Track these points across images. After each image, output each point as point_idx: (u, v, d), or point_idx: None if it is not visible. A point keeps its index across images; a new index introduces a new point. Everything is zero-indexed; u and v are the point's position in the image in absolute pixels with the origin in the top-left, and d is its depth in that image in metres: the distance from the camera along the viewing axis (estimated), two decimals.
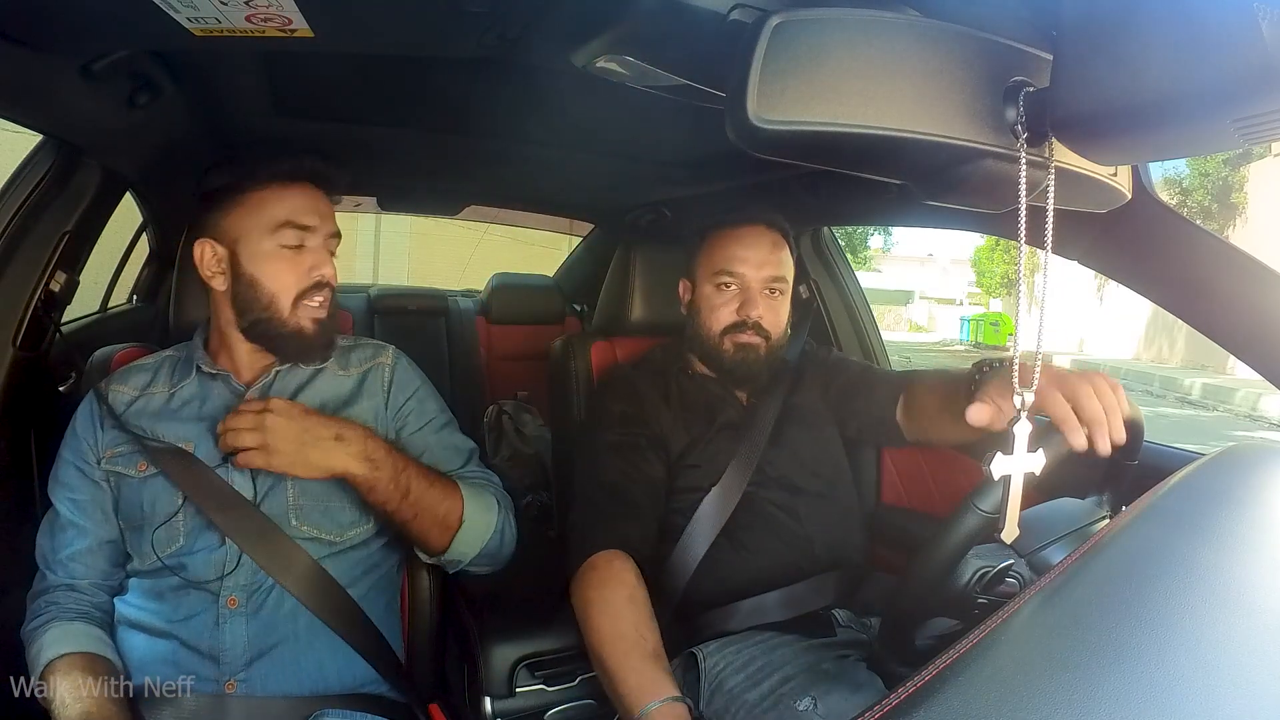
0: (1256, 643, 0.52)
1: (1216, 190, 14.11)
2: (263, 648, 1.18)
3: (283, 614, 1.21)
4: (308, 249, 1.27)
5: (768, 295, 1.56)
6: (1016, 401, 0.75)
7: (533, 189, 2.67)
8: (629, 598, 1.26)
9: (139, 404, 1.28)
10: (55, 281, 1.48)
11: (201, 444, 1.24)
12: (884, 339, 2.38)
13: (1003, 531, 0.84)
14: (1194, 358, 14.26)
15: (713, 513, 1.45)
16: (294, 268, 1.26)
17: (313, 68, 1.47)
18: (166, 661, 1.17)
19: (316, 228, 1.28)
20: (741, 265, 1.55)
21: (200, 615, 1.18)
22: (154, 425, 1.25)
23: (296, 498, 1.24)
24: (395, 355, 1.43)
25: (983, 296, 29.02)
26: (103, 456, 1.24)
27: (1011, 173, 0.69)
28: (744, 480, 1.48)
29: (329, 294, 1.30)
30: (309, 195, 1.28)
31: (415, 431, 1.37)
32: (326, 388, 1.34)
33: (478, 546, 1.29)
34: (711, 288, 1.57)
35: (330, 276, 1.29)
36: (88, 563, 1.23)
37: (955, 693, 0.44)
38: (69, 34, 1.08)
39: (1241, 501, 0.80)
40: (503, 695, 1.32)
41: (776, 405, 1.58)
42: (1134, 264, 1.26)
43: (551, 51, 1.12)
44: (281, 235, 1.25)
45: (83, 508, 1.24)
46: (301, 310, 1.27)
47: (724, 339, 1.55)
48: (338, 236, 1.33)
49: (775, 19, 0.64)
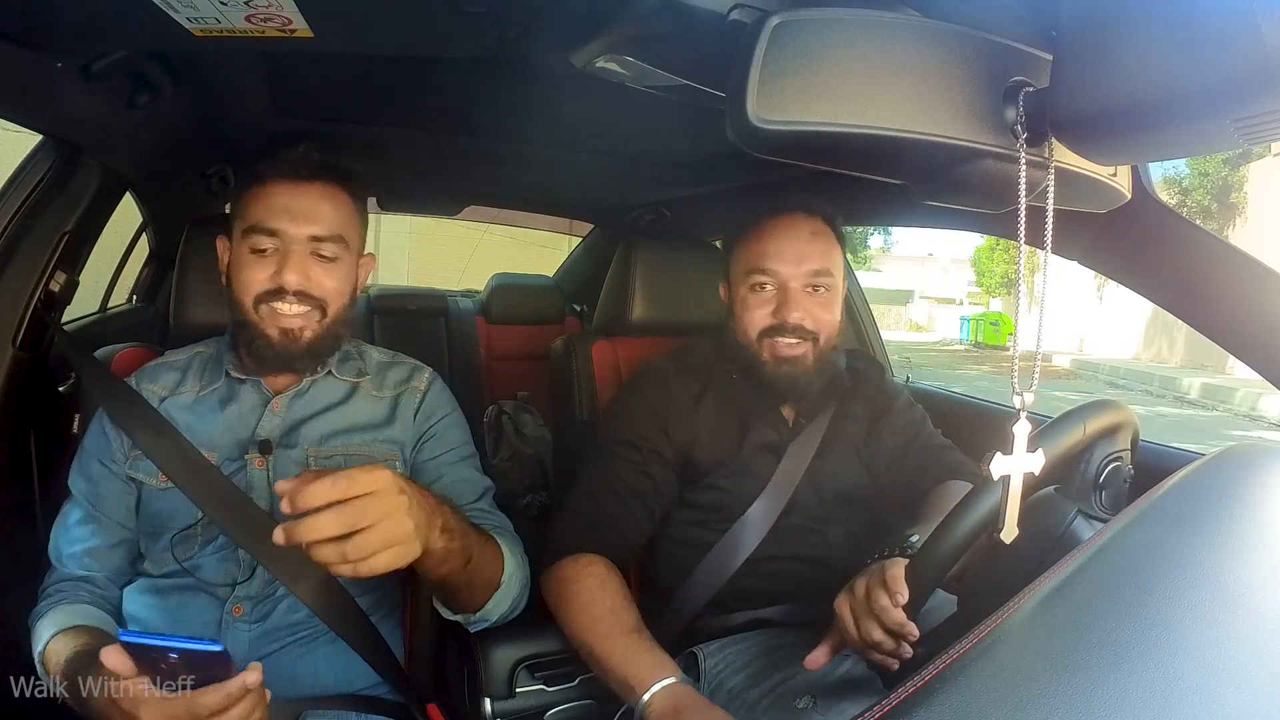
0: (1257, 643, 0.52)
1: (1216, 190, 14.12)
2: (262, 653, 1.17)
3: (287, 623, 1.20)
4: (275, 253, 1.20)
5: (810, 293, 1.40)
6: (1016, 402, 0.75)
7: (533, 189, 2.67)
8: (599, 585, 1.23)
9: (167, 404, 1.26)
10: (55, 281, 1.48)
11: (223, 449, 1.23)
12: (884, 339, 2.38)
13: (1002, 531, 0.84)
14: (1194, 357, 14.26)
15: (746, 536, 1.39)
16: (256, 271, 1.20)
17: (313, 68, 1.47)
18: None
19: (285, 230, 1.20)
20: (775, 262, 1.39)
21: (203, 619, 1.18)
22: (173, 434, 1.22)
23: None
24: (431, 379, 1.38)
25: (983, 296, 29.09)
26: (129, 457, 1.23)
27: (1011, 173, 0.69)
28: (778, 508, 1.39)
29: (299, 302, 1.21)
30: (291, 195, 1.21)
31: (431, 459, 1.32)
32: (362, 409, 1.31)
33: (507, 604, 1.19)
34: (746, 289, 1.42)
35: (291, 283, 1.20)
36: (104, 558, 1.21)
37: (955, 693, 0.44)
38: (69, 34, 1.09)
39: (1241, 501, 0.80)
40: (503, 696, 1.32)
41: (823, 427, 1.46)
42: (1133, 264, 1.26)
43: (551, 51, 1.12)
44: (251, 238, 1.20)
45: (105, 503, 1.22)
46: (265, 315, 1.21)
47: (762, 345, 1.40)
48: (327, 239, 1.23)
49: (775, 19, 0.64)
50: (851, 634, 1.02)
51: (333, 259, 1.24)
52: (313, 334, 1.24)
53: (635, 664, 1.12)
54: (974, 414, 1.91)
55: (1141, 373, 13.72)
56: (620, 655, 1.13)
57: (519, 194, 2.85)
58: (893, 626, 0.97)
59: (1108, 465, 0.99)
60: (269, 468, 1.23)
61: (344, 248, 1.25)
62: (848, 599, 1.04)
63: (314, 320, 1.24)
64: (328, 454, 1.27)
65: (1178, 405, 11.17)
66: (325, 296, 1.24)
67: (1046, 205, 0.71)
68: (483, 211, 3.34)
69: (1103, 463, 0.99)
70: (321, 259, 1.23)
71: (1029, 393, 0.74)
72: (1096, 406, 1.02)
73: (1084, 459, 0.99)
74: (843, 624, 1.04)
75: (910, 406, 1.58)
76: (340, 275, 1.26)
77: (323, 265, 1.23)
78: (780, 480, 1.40)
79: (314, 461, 1.25)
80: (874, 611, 0.99)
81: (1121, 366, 14.55)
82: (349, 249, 1.27)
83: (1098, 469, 0.99)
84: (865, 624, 1.00)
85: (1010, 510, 0.82)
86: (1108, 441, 1.00)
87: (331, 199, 1.24)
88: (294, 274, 1.20)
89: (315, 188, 1.23)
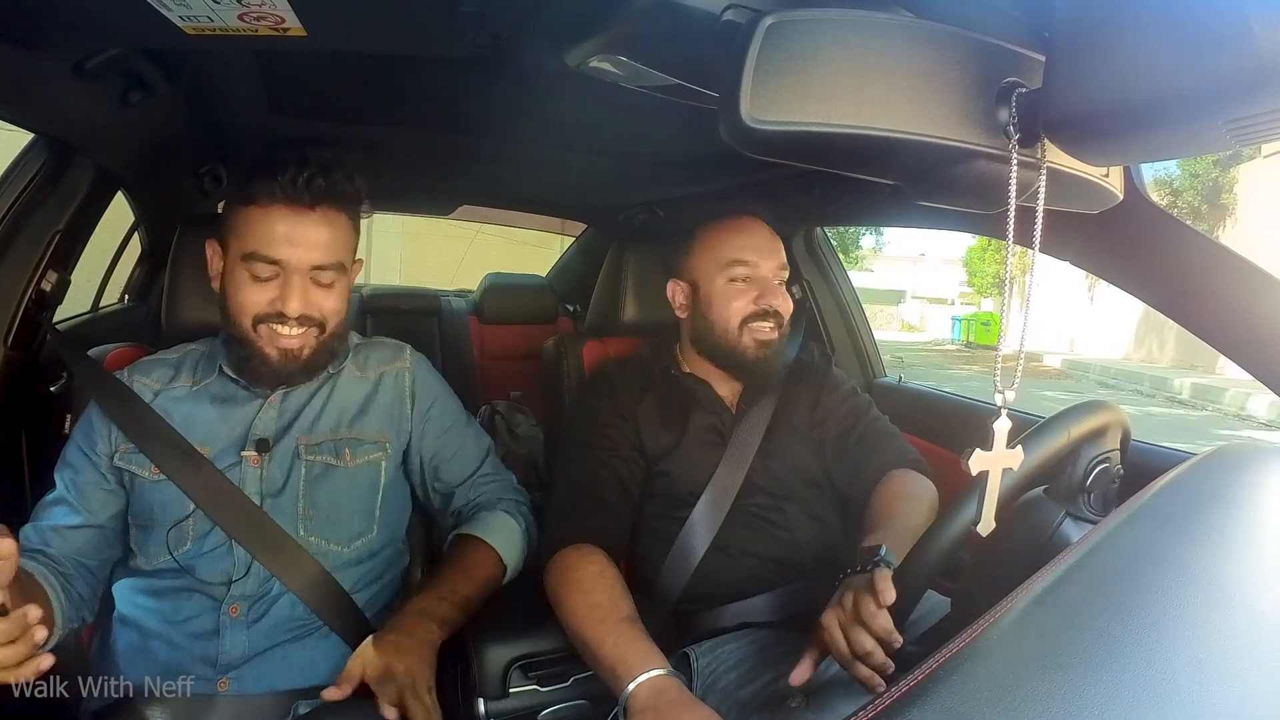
0: (1249, 641, 0.52)
1: (1206, 191, 14.19)
2: (259, 650, 1.18)
3: (284, 619, 1.21)
4: (275, 280, 1.21)
5: (778, 285, 1.53)
6: (998, 400, 0.75)
7: (526, 188, 2.66)
8: (599, 574, 1.26)
9: (161, 398, 1.28)
10: (46, 281, 1.48)
11: (218, 445, 1.25)
12: (876, 339, 2.38)
13: (979, 525, 0.84)
14: (1184, 358, 14.34)
15: (704, 520, 1.44)
16: (255, 294, 1.21)
17: (306, 67, 1.47)
18: (159, 661, 1.17)
19: (287, 261, 1.20)
20: (754, 254, 1.50)
21: (200, 618, 1.19)
22: (174, 422, 1.25)
23: (306, 509, 1.25)
24: (414, 358, 1.43)
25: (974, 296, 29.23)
26: (116, 450, 1.24)
27: (1003, 173, 0.69)
28: (734, 488, 1.46)
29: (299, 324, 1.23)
30: (291, 223, 1.20)
31: (436, 437, 1.39)
32: (346, 392, 1.34)
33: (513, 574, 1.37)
34: (724, 280, 1.51)
35: (294, 309, 1.21)
36: (68, 538, 1.21)
37: (948, 692, 0.44)
38: (61, 31, 1.08)
39: (1232, 501, 0.81)
40: (496, 696, 1.31)
41: (767, 412, 1.54)
42: (1125, 265, 1.26)
43: (544, 51, 1.12)
44: (251, 265, 1.20)
45: (80, 489, 1.23)
46: (264, 335, 1.23)
47: (743, 333, 1.49)
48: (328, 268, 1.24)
49: (768, 19, 0.64)
50: (840, 646, 1.04)
51: (330, 284, 1.26)
52: (311, 350, 1.26)
53: (626, 652, 1.12)
54: (964, 413, 1.92)
55: (1132, 373, 13.80)
56: (613, 643, 1.14)
57: (512, 193, 2.84)
58: (880, 633, 0.99)
59: (1095, 467, 0.99)
60: (263, 465, 1.25)
61: (342, 271, 1.27)
62: (835, 612, 1.06)
63: (313, 338, 1.26)
64: (317, 440, 1.29)
65: (1168, 405, 11.22)
66: (325, 317, 1.26)
67: (1037, 206, 0.71)
68: (475, 211, 3.33)
69: (1090, 464, 1.00)
70: (320, 285, 1.24)
71: (1010, 390, 0.75)
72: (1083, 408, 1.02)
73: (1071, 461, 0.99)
74: (831, 638, 1.05)
75: (853, 394, 1.66)
76: (338, 294, 1.28)
77: (322, 289, 1.25)
78: (729, 463, 1.47)
79: (304, 449, 1.28)
80: (863, 619, 1.00)
81: (1112, 366, 14.64)
82: (345, 270, 1.28)
83: (1085, 470, 0.99)
84: (855, 633, 1.01)
85: (988, 504, 0.82)
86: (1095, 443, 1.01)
87: (331, 224, 1.24)
88: (296, 301, 1.21)
89: (316, 214, 1.22)
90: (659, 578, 1.45)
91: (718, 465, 1.47)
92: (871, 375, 2.27)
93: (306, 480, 1.27)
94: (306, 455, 1.28)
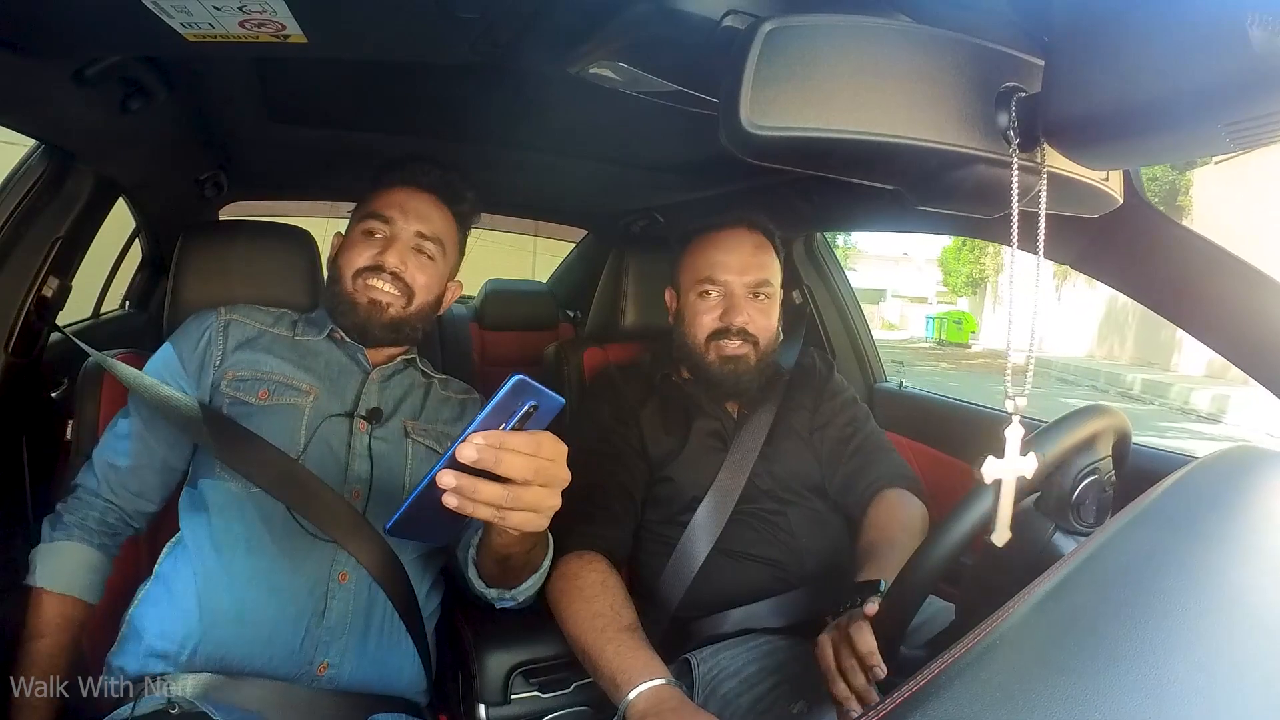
0: (1254, 645, 0.52)
1: (1164, 193, 14.27)
2: (358, 632, 1.18)
3: (376, 603, 1.20)
4: (383, 239, 1.35)
5: (753, 299, 1.52)
6: (1009, 406, 0.75)
7: (526, 195, 2.66)
8: (601, 582, 1.26)
9: (268, 336, 1.34)
10: (47, 287, 1.47)
11: (326, 395, 1.29)
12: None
13: (994, 534, 0.84)
14: (1142, 355, 15.03)
15: (706, 524, 1.44)
16: (363, 249, 1.35)
17: (306, 73, 1.47)
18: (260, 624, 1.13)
19: (397, 220, 1.35)
20: (723, 271, 1.51)
21: (312, 576, 1.17)
22: (275, 361, 1.29)
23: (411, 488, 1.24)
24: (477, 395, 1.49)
25: (950, 295, 29.46)
26: (222, 379, 1.27)
27: (1004, 178, 0.69)
28: (736, 491, 1.46)
29: (392, 283, 1.34)
30: (407, 195, 1.38)
31: None
32: (439, 403, 1.41)
33: (535, 589, 1.20)
34: (695, 295, 1.53)
35: (391, 263, 1.33)
36: (139, 476, 1.25)
37: (950, 698, 0.43)
38: (61, 39, 1.08)
39: (1236, 504, 0.80)
40: (498, 702, 1.31)
41: (769, 417, 1.55)
42: (1127, 268, 1.26)
43: (543, 57, 1.12)
44: (366, 222, 1.36)
45: (154, 424, 1.26)
46: (359, 287, 1.34)
47: (709, 348, 1.51)
48: (429, 239, 1.37)
49: (768, 25, 0.65)
50: (829, 666, 1.05)
51: (430, 258, 1.38)
52: (396, 313, 1.35)
53: (626, 661, 1.12)
54: (964, 418, 1.91)
55: (1090, 369, 14.43)
56: (614, 651, 1.14)
57: (512, 200, 2.84)
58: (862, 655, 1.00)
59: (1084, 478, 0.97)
60: (370, 432, 1.28)
61: (441, 252, 1.40)
62: (828, 637, 1.08)
63: (400, 303, 1.36)
64: (421, 431, 1.34)
65: (1120, 400, 11.70)
66: (415, 287, 1.36)
67: (1039, 210, 0.71)
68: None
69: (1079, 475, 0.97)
70: (421, 254, 1.37)
71: (1022, 397, 0.74)
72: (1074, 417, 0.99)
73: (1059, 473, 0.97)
74: (823, 660, 1.07)
75: (853, 403, 1.67)
76: (432, 274, 1.39)
77: (419, 260, 1.37)
78: (731, 467, 1.48)
79: (413, 431, 1.32)
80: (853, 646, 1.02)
81: (1072, 364, 15.31)
82: (444, 257, 1.41)
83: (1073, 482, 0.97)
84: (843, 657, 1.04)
85: (1003, 513, 0.82)
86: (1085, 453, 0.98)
87: (440, 209, 1.41)
88: (395, 257, 1.34)
89: (430, 196, 1.40)
90: (661, 583, 1.44)
91: (720, 469, 1.48)
92: (872, 380, 2.27)
93: (413, 460, 1.30)
94: (415, 436, 1.32)
